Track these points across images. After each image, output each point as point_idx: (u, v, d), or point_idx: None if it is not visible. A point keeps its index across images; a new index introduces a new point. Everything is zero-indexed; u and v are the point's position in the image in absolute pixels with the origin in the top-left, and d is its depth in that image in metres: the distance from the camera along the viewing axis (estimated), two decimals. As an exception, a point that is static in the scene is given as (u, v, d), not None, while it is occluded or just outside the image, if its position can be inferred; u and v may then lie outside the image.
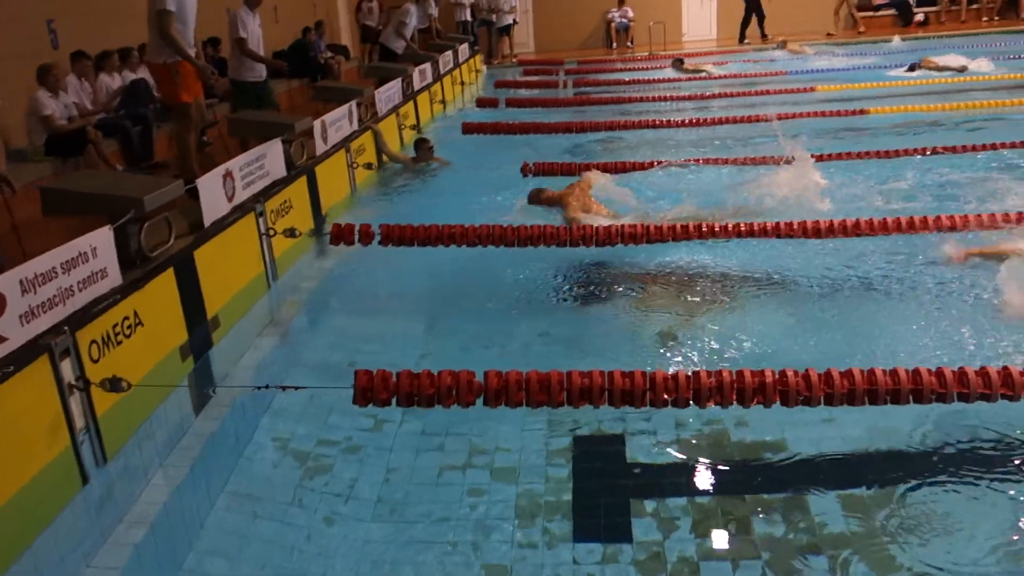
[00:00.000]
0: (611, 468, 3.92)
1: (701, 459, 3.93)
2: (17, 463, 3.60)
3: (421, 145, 10.29)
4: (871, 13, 22.44)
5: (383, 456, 4.09)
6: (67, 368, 3.93)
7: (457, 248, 6.34)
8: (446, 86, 15.07)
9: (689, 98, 13.64)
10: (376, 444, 4.19)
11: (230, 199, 6.19)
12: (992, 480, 3.57)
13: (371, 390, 3.90)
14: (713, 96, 13.74)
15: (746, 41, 21.17)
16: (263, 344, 5.50)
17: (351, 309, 6.21)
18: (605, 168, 8.40)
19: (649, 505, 3.56)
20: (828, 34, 21.35)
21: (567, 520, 3.50)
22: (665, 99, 13.75)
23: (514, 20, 21.89)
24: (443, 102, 14.39)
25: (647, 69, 18.03)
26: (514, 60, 21.49)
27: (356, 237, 6.42)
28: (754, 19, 21.01)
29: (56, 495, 3.75)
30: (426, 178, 9.79)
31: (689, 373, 3.86)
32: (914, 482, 3.60)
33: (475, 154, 10.60)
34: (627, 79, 16.55)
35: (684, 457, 3.95)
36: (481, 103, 13.62)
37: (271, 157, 7.12)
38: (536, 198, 7.60)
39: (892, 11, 22.09)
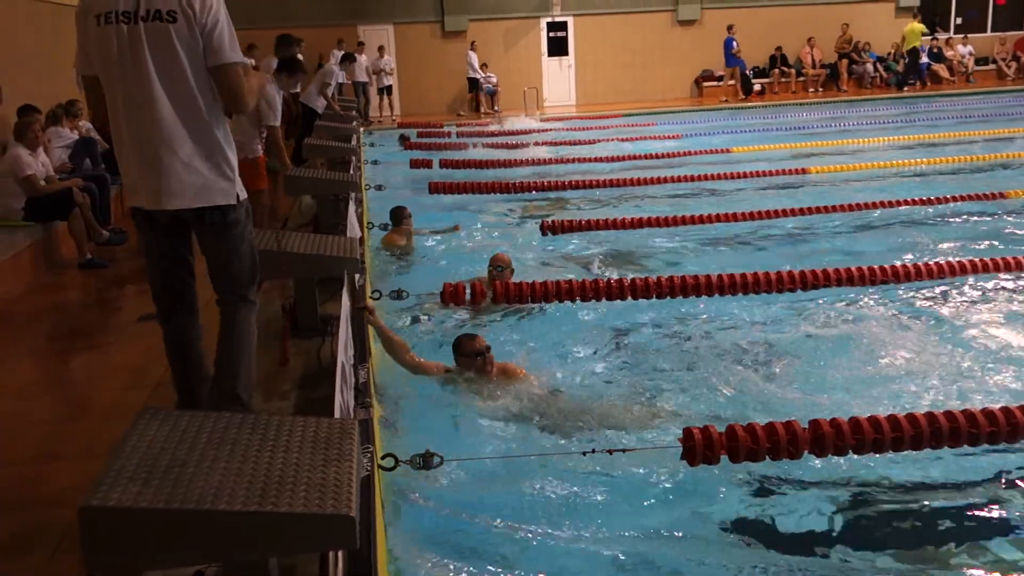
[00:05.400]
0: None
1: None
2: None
3: (399, 213, 8.86)
4: (715, 83, 24.43)
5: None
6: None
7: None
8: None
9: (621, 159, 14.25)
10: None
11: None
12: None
13: (708, 447, 3.78)
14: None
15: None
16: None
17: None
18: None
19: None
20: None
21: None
22: (582, 160, 14.24)
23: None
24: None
25: (533, 132, 18.68)
26: (393, 122, 21.33)
27: (468, 295, 6.18)
28: None
29: None
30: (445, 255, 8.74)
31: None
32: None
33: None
34: (529, 142, 17.07)
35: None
36: (415, 164, 13.43)
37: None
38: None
39: (733, 82, 24.19)
